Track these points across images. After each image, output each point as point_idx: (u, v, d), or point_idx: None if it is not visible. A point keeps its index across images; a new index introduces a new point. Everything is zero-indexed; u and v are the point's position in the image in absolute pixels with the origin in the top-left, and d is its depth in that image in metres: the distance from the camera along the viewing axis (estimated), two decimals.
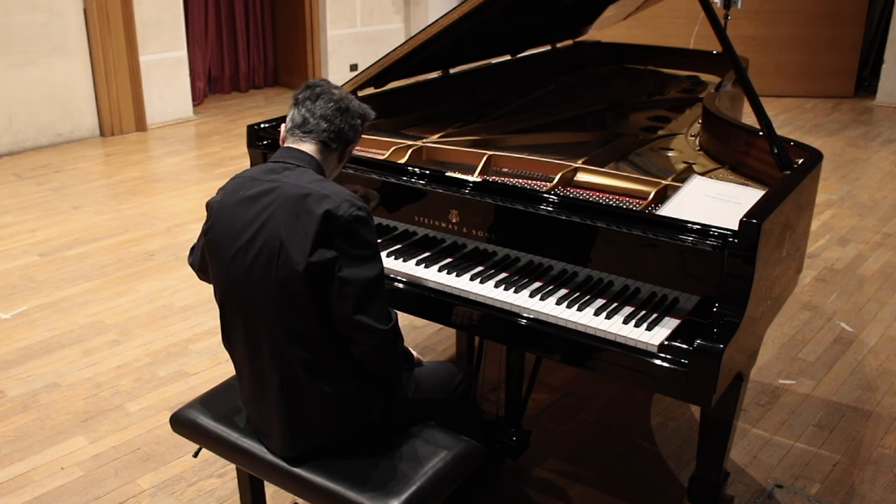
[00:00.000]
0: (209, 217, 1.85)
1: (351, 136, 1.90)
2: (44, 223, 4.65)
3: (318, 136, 1.86)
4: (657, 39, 5.17)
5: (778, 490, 2.53)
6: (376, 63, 2.61)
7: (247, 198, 1.78)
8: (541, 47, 3.77)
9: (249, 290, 1.75)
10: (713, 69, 3.76)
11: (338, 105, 1.87)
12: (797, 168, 2.14)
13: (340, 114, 1.87)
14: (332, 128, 1.86)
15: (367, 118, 1.94)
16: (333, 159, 1.91)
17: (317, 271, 1.69)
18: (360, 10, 8.23)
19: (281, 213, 1.72)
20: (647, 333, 1.82)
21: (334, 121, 1.86)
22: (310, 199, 1.71)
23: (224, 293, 1.84)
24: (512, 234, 2.10)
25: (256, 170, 1.86)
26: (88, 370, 3.17)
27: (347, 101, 1.89)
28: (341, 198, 1.71)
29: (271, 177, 1.79)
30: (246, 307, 1.78)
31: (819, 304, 3.78)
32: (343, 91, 1.92)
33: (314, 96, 1.88)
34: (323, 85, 1.90)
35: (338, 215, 1.69)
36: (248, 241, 1.75)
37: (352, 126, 1.89)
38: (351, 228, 1.70)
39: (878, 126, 7.06)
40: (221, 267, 1.81)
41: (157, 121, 6.72)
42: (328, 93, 1.88)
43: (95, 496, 2.48)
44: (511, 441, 2.43)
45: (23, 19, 5.77)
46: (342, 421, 1.81)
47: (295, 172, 1.80)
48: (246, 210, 1.77)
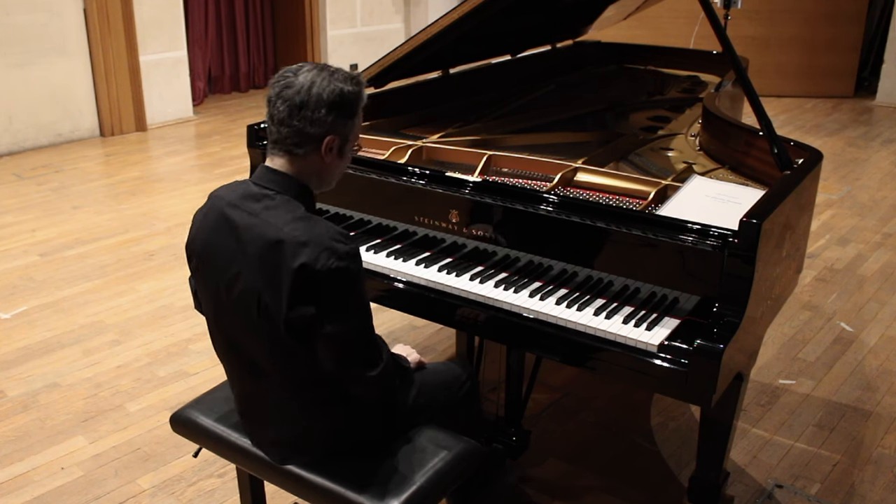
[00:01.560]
0: (191, 258, 1.77)
1: (319, 130, 1.64)
2: (44, 223, 4.65)
3: (283, 146, 1.67)
4: (657, 39, 5.16)
5: (778, 490, 2.53)
6: (376, 63, 2.61)
7: (226, 231, 1.67)
8: (541, 47, 3.77)
9: (238, 328, 1.71)
10: (713, 69, 3.76)
11: (290, 103, 1.62)
12: (797, 168, 2.14)
13: (297, 112, 1.62)
14: (291, 131, 1.64)
15: (342, 102, 1.64)
16: (316, 160, 1.68)
17: (298, 325, 1.59)
18: (360, 10, 8.23)
19: (256, 261, 1.60)
20: (646, 333, 1.82)
21: (291, 123, 1.63)
22: (285, 248, 1.56)
23: (214, 325, 1.80)
24: (512, 233, 2.10)
25: (235, 194, 1.69)
26: (88, 370, 3.17)
27: (306, 94, 1.61)
28: (320, 246, 1.55)
29: (249, 206, 1.65)
30: (237, 340, 1.75)
31: (819, 304, 3.78)
32: (309, 77, 1.63)
33: (273, 97, 1.65)
34: (285, 78, 1.65)
35: (315, 269, 1.55)
36: (231, 281, 1.66)
37: (316, 120, 1.62)
38: (330, 283, 1.56)
39: (878, 126, 7.06)
40: (209, 304, 1.77)
41: (157, 121, 6.72)
42: (285, 87, 1.63)
43: (95, 496, 2.48)
44: (511, 441, 2.43)
45: (23, 19, 5.77)
46: (340, 440, 1.80)
47: (274, 203, 1.63)
48: (225, 246, 1.67)
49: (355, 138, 1.75)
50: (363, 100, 1.71)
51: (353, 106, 1.68)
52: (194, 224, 1.77)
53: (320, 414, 1.76)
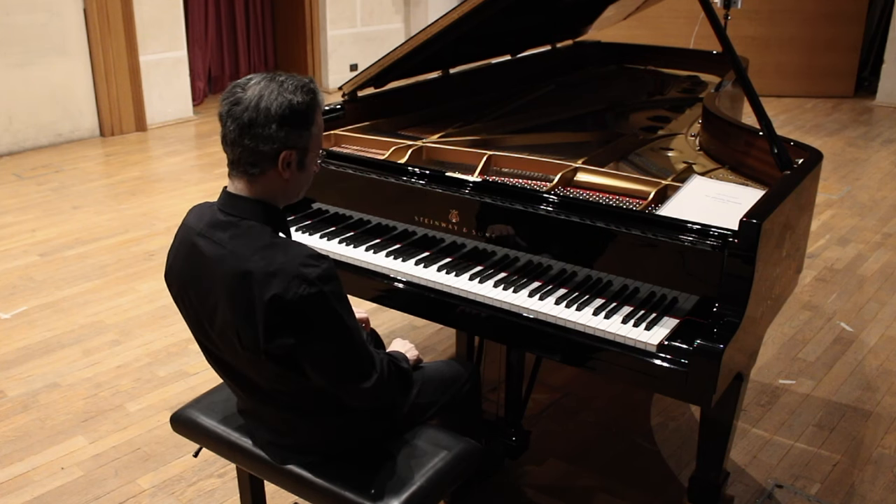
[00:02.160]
0: (171, 287, 1.75)
1: (272, 146, 1.55)
2: (44, 223, 4.65)
3: (238, 167, 1.60)
4: (657, 39, 5.16)
5: (778, 490, 2.53)
6: (376, 63, 2.61)
7: (198, 262, 1.63)
8: (541, 47, 3.77)
9: (226, 353, 1.70)
10: (713, 69, 3.76)
11: (240, 122, 1.54)
12: (797, 168, 2.14)
13: (247, 130, 1.54)
14: (244, 151, 1.56)
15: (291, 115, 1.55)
16: (275, 176, 1.60)
17: (279, 354, 1.57)
18: (360, 10, 8.23)
19: (230, 296, 1.57)
20: (645, 333, 1.82)
21: (242, 142, 1.55)
22: (254, 280, 1.52)
23: (203, 349, 1.79)
24: (512, 233, 2.10)
25: (203, 222, 1.65)
26: (88, 370, 3.17)
27: (254, 110, 1.53)
28: (289, 274, 1.51)
29: (217, 236, 1.60)
30: (227, 362, 1.74)
31: (819, 304, 3.78)
32: (256, 92, 1.55)
33: (224, 115, 1.58)
34: (233, 95, 1.57)
35: (286, 300, 1.50)
36: (211, 313, 1.64)
37: (267, 137, 1.54)
38: (304, 311, 1.52)
39: (878, 126, 7.06)
40: (194, 329, 1.75)
41: (157, 121, 6.72)
42: (233, 105, 1.56)
43: (95, 496, 2.48)
44: (511, 441, 2.43)
45: (23, 19, 5.77)
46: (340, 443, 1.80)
47: (241, 231, 1.58)
48: (199, 278, 1.64)
49: (317, 147, 1.67)
50: (318, 107, 1.63)
51: (305, 116, 1.59)
52: (170, 254, 1.74)
53: (318, 422, 1.76)
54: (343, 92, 2.75)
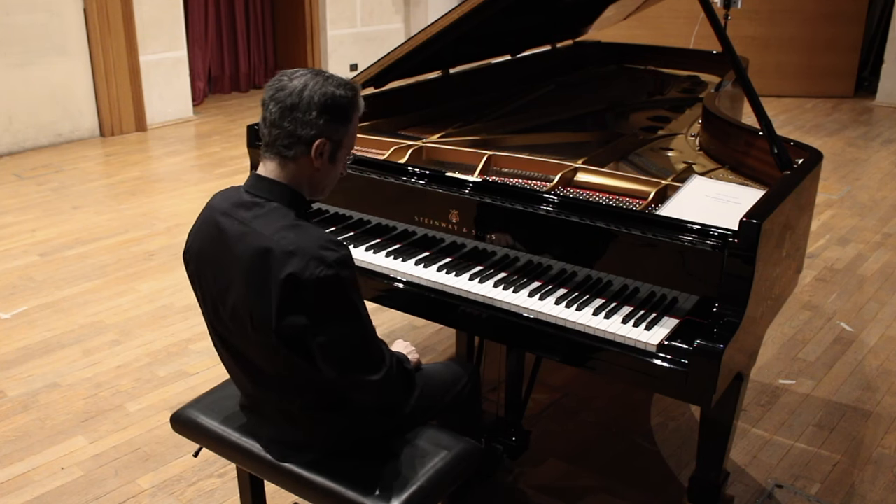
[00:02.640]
0: (188, 265, 1.77)
1: (310, 132, 1.62)
2: (44, 223, 4.65)
3: (274, 148, 1.66)
4: (657, 39, 5.16)
5: (778, 490, 2.53)
6: (376, 63, 2.61)
7: (218, 240, 1.66)
8: (541, 47, 3.77)
9: (235, 335, 1.71)
10: (713, 69, 3.76)
11: (282, 105, 1.62)
12: (797, 168, 2.14)
13: (288, 113, 1.62)
14: (282, 133, 1.63)
15: (333, 105, 1.62)
16: (306, 164, 1.66)
17: (289, 334, 1.59)
18: (360, 10, 8.23)
19: (246, 272, 1.60)
20: (645, 333, 1.82)
21: (282, 124, 1.62)
22: (273, 257, 1.55)
23: (213, 331, 1.80)
24: (511, 233, 2.10)
25: (228, 202, 1.69)
26: (88, 370, 3.17)
27: (297, 97, 1.61)
28: (308, 255, 1.54)
29: (241, 215, 1.64)
30: (236, 346, 1.75)
31: (819, 304, 3.78)
32: (300, 84, 1.63)
33: (267, 100, 1.65)
34: (279, 82, 1.65)
35: (302, 279, 1.53)
36: (224, 292, 1.66)
37: (306, 122, 1.61)
38: (319, 292, 1.55)
39: (878, 126, 7.06)
40: (206, 309, 1.77)
41: (157, 121, 6.72)
42: (280, 91, 1.63)
43: (95, 496, 2.48)
44: (511, 441, 2.43)
45: (23, 19, 5.77)
46: (340, 441, 1.80)
47: (264, 211, 1.63)
48: (218, 256, 1.67)
49: (349, 146, 1.72)
50: (358, 107, 1.69)
51: (345, 111, 1.66)
52: (191, 233, 1.77)
53: (321, 417, 1.76)
54: None
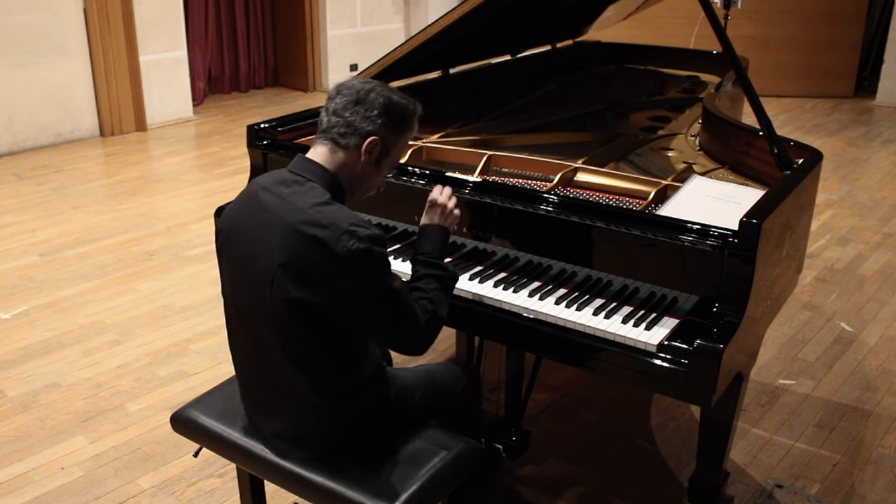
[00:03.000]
0: (219, 236, 1.83)
1: (367, 127, 1.72)
2: (44, 223, 4.65)
3: (329, 134, 1.74)
4: (657, 39, 5.16)
5: (778, 490, 2.53)
6: (376, 63, 2.61)
7: (254, 211, 1.72)
8: (541, 47, 3.77)
9: (252, 307, 1.73)
10: (713, 69, 3.76)
11: (351, 98, 1.73)
12: (797, 168, 2.14)
13: (353, 106, 1.72)
14: (342, 122, 1.73)
15: (395, 111, 1.75)
16: (354, 158, 1.74)
17: (308, 306, 1.63)
18: (360, 10, 8.23)
19: (278, 240, 1.64)
20: (645, 333, 1.82)
21: (344, 114, 1.72)
22: (306, 229, 1.61)
23: (231, 303, 1.81)
24: (512, 233, 2.10)
25: (270, 179, 1.76)
26: (88, 370, 3.17)
27: (365, 94, 1.73)
28: (341, 229, 1.59)
29: (280, 190, 1.70)
30: (249, 320, 1.76)
31: (819, 304, 3.78)
32: (370, 85, 1.75)
33: (334, 94, 1.76)
34: (350, 83, 1.77)
35: (335, 252, 1.59)
36: (250, 259, 1.70)
37: (367, 118, 1.72)
38: (351, 266, 1.60)
39: (878, 126, 7.06)
40: (228, 278, 1.80)
41: (157, 121, 6.72)
42: (349, 87, 1.75)
43: (95, 496, 2.48)
44: (511, 441, 2.43)
45: (23, 19, 5.77)
46: (341, 438, 1.79)
47: (303, 189, 1.69)
48: (250, 225, 1.71)
49: (395, 159, 1.83)
50: (413, 125, 1.81)
51: (403, 120, 1.78)
52: (228, 207, 1.84)
53: (323, 409, 1.75)
54: None
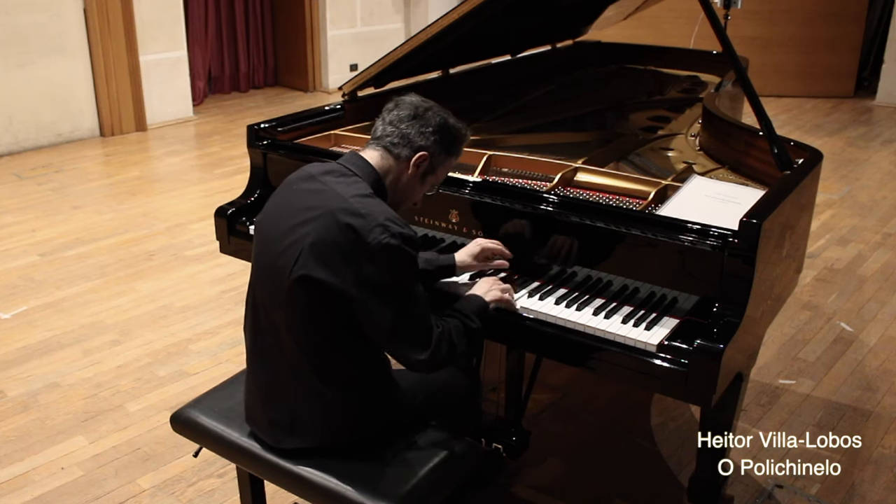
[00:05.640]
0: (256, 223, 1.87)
1: (420, 142, 1.79)
2: (44, 223, 4.65)
3: (382, 141, 1.81)
4: (657, 39, 5.16)
5: (778, 490, 2.53)
6: (376, 63, 2.61)
7: (297, 195, 1.77)
8: (541, 47, 3.77)
9: (271, 286, 1.76)
10: (713, 69, 3.76)
11: (410, 112, 1.81)
12: (797, 168, 2.14)
13: (410, 119, 1.80)
14: (398, 132, 1.80)
15: (448, 132, 1.83)
16: (402, 168, 1.81)
17: (326, 288, 1.66)
18: (360, 10, 8.23)
19: (314, 222, 1.68)
20: (645, 333, 1.82)
21: (400, 126, 1.80)
22: (343, 216, 1.65)
23: (254, 278, 1.85)
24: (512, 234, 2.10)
25: (319, 168, 1.82)
26: (88, 370, 3.17)
27: (423, 111, 1.82)
28: (376, 221, 1.64)
29: (325, 178, 1.76)
30: (266, 301, 1.79)
31: (819, 304, 3.78)
32: (429, 104, 1.84)
33: (394, 105, 1.84)
34: (409, 98, 1.85)
35: (366, 241, 1.63)
36: (281, 235, 1.73)
37: (421, 133, 1.80)
38: (379, 257, 1.63)
39: (878, 126, 7.06)
40: (256, 253, 1.83)
41: (157, 121, 6.72)
42: (408, 102, 1.84)
43: (95, 496, 2.48)
44: (511, 441, 2.43)
45: (23, 19, 5.77)
46: (340, 430, 1.80)
47: (349, 180, 1.74)
48: (289, 207, 1.76)
49: (438, 179, 1.89)
50: (459, 150, 1.89)
51: (454, 142, 1.85)
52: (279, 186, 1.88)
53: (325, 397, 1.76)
54: (343, 92, 2.75)
